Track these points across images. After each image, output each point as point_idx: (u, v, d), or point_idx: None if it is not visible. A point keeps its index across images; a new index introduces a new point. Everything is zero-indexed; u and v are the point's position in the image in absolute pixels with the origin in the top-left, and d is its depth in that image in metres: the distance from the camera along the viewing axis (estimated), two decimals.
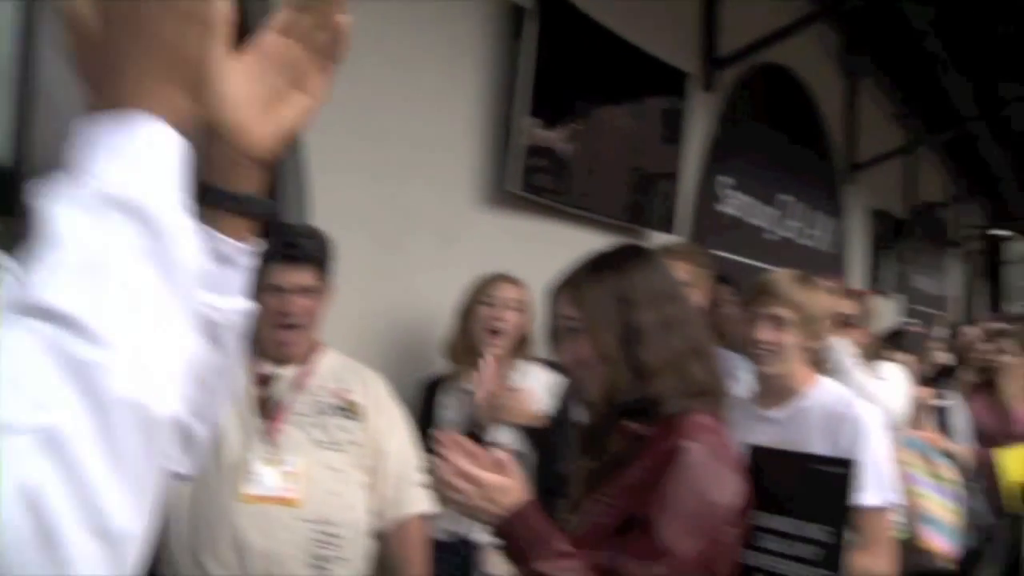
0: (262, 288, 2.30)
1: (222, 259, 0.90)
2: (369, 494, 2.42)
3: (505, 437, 2.87)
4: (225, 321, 0.92)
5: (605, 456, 1.70)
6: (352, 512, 2.34)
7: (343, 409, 2.39)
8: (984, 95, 8.85)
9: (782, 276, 2.50)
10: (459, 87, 3.61)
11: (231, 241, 0.90)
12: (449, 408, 3.03)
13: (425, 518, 2.47)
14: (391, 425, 2.49)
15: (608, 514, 1.62)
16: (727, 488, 1.61)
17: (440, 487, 1.58)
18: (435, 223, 3.50)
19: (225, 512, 2.24)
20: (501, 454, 1.61)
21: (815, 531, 1.76)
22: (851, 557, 2.28)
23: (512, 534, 1.57)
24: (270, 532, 2.23)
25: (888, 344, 4.57)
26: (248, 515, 2.23)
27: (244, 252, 0.93)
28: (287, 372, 2.41)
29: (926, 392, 4.40)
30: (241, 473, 2.27)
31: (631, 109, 4.51)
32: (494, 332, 3.01)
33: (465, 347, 3.05)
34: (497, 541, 1.61)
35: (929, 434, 3.98)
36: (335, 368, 2.48)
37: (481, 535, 2.76)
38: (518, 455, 2.85)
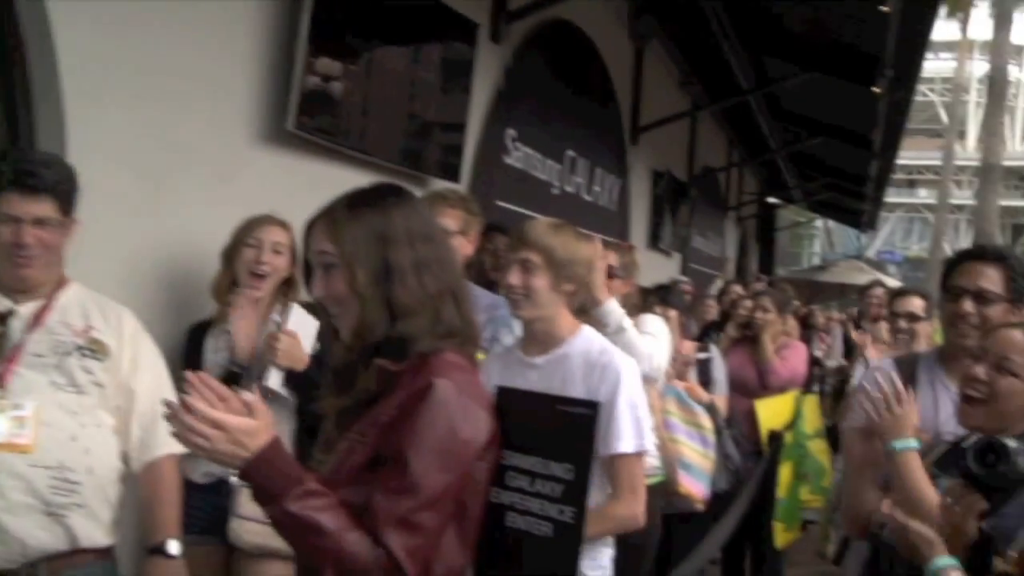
0: None
1: None
2: (117, 437, 2.33)
3: (272, 380, 2.83)
4: None
5: (356, 394, 1.69)
6: (91, 457, 2.24)
7: (86, 349, 2.28)
8: (759, 70, 9.39)
9: (536, 223, 2.54)
10: (237, 19, 3.44)
11: None
12: (216, 351, 2.96)
13: (177, 458, 2.41)
14: (140, 364, 2.39)
15: (359, 452, 1.62)
16: (476, 424, 1.65)
17: (182, 433, 1.52)
18: (209, 160, 3.35)
19: None
20: (249, 396, 1.58)
21: (559, 469, 1.82)
22: (605, 503, 2.40)
23: (259, 476, 1.53)
24: None
25: (655, 298, 4.81)
26: None
27: None
28: (25, 309, 2.27)
29: (689, 346, 4.66)
30: None
31: (417, 55, 4.47)
32: (258, 276, 2.95)
33: (230, 289, 2.98)
34: (245, 484, 1.57)
35: (688, 384, 4.22)
36: (80, 303, 2.35)
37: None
38: (279, 397, 2.83)
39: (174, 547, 2.35)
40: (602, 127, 7.74)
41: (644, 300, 4.89)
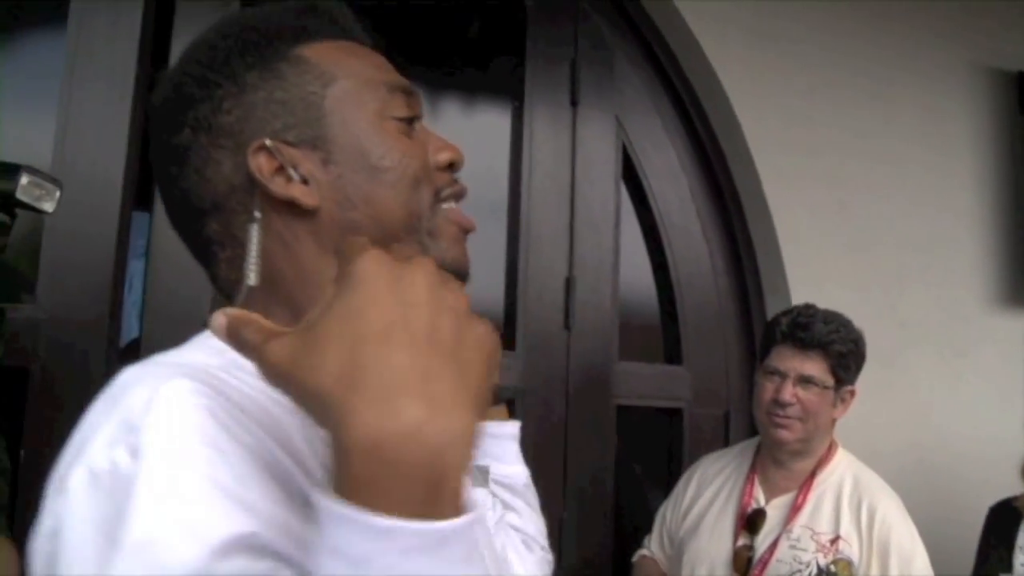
0: (764, 371, 2.13)
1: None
2: None
3: None
4: (509, 483, 1.19)
5: None
6: None
7: (827, 573, 1.99)
8: None
9: None
10: (954, 176, 3.18)
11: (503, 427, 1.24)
12: None
13: None
14: None
15: None
16: None
17: None
18: (938, 333, 3.09)
19: None
20: None
21: None
22: None
23: None
24: None
25: None
26: None
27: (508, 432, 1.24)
28: (775, 508, 2.09)
29: None
30: None
31: None
32: None
33: None
34: None
35: None
36: (835, 494, 2.08)
37: None
38: None
39: None
40: None
41: None
